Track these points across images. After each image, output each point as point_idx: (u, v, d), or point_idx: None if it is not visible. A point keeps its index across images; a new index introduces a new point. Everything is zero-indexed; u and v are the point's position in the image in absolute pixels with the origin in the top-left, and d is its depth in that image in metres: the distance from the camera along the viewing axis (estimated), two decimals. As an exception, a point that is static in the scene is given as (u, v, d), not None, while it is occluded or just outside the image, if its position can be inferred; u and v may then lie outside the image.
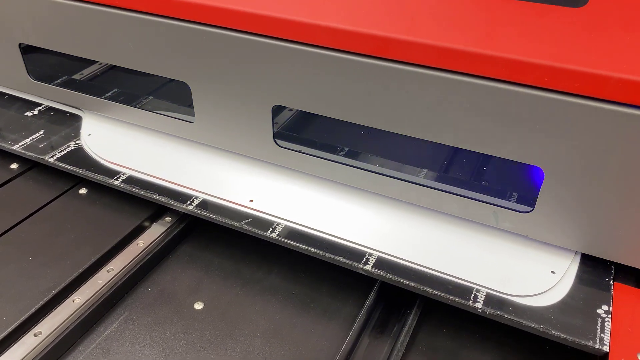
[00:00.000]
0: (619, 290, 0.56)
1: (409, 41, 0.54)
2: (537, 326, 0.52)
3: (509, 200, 0.64)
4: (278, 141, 0.69)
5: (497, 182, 0.72)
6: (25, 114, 0.85)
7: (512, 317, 0.52)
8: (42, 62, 0.92)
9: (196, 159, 0.74)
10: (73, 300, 0.59)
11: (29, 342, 0.54)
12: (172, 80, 0.72)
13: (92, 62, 0.97)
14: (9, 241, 0.67)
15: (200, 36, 0.64)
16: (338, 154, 0.72)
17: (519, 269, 0.58)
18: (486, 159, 0.77)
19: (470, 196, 0.61)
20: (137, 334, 0.57)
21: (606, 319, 0.52)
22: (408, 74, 0.55)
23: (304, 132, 0.82)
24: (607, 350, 0.49)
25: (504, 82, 0.52)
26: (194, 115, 0.72)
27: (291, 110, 0.83)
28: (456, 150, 0.78)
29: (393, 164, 0.70)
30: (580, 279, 0.57)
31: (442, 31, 0.54)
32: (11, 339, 0.54)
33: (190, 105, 0.72)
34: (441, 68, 0.54)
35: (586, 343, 0.50)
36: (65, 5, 0.72)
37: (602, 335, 0.51)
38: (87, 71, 0.97)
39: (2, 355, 0.53)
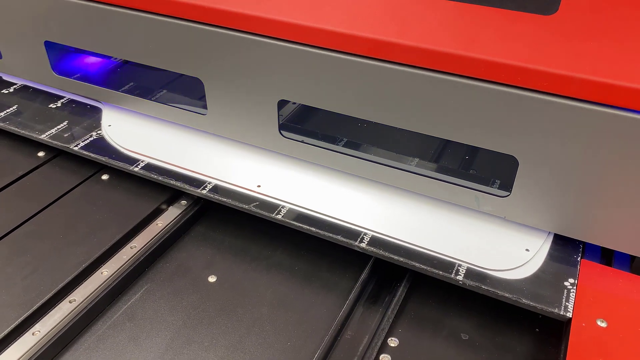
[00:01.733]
0: (585, 265, 0.62)
1: (400, 44, 0.60)
2: (511, 296, 0.58)
3: (492, 186, 0.71)
4: (283, 132, 0.75)
5: (480, 169, 0.79)
6: (50, 106, 0.92)
7: (489, 288, 0.59)
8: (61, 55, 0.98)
9: (208, 148, 0.81)
10: (101, 273, 0.66)
11: (65, 308, 0.61)
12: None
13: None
14: (41, 222, 0.74)
15: (214, 37, 0.70)
16: (337, 144, 0.78)
17: (497, 246, 0.64)
18: (471, 148, 0.84)
19: (455, 182, 0.68)
20: (158, 303, 0.64)
21: (571, 290, 0.59)
22: (399, 73, 0.62)
23: (307, 124, 0.89)
24: (570, 316, 0.56)
25: (482, 81, 0.58)
26: (206, 108, 0.79)
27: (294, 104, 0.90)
28: (443, 141, 0.85)
29: (387, 153, 0.76)
30: (551, 256, 0.63)
31: (428, 35, 0.60)
32: (49, 305, 0.61)
33: (203, 99, 0.79)
34: (428, 68, 0.60)
35: (552, 310, 0.57)
36: (89, 7, 0.78)
37: (566, 303, 0.58)
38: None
39: (42, 319, 0.60)
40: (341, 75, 0.65)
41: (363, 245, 0.64)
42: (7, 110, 0.90)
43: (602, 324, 0.56)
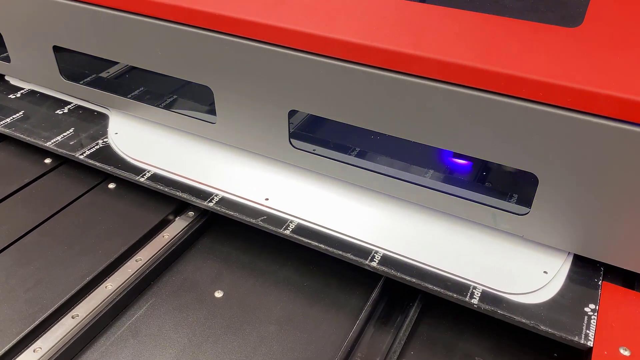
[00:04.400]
0: (607, 289, 0.60)
1: (416, 55, 0.58)
2: (528, 322, 0.56)
3: (509, 202, 0.68)
4: (293, 142, 0.73)
5: (498, 184, 0.76)
6: (56, 112, 0.91)
7: (505, 313, 0.57)
8: (69, 60, 0.96)
9: (216, 159, 0.79)
10: (105, 287, 0.64)
11: (67, 324, 0.60)
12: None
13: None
14: (46, 232, 0.73)
15: (224, 45, 0.68)
16: (349, 154, 0.76)
17: (514, 268, 0.62)
18: (488, 162, 0.81)
19: (471, 198, 0.66)
20: (163, 319, 0.63)
21: (592, 317, 0.56)
22: (414, 85, 0.59)
23: (318, 133, 0.87)
24: (591, 345, 0.54)
25: (502, 95, 0.56)
26: (215, 116, 0.77)
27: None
28: (459, 155, 0.82)
29: (400, 165, 0.74)
30: (570, 278, 0.61)
31: (445, 47, 0.58)
32: (51, 320, 0.60)
33: (212, 107, 0.77)
34: (444, 80, 0.58)
35: (572, 338, 0.54)
36: (97, 12, 0.77)
37: (587, 331, 0.55)
38: (113, 69, 1.03)
39: (44, 335, 0.59)
40: (354, 86, 0.63)
41: (374, 264, 0.62)
42: (14, 116, 0.89)
43: (625, 352, 0.53)
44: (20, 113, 0.90)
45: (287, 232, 0.67)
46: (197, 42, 0.71)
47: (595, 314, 0.57)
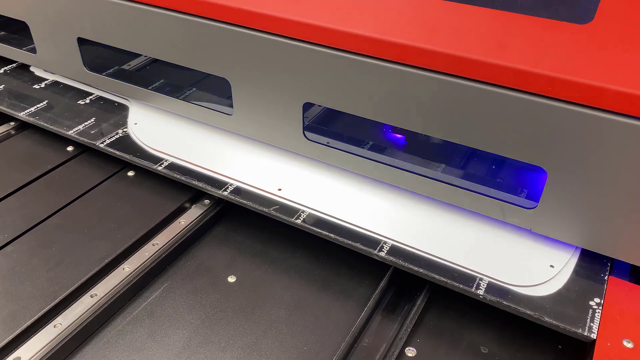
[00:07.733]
0: (613, 283, 0.60)
1: (429, 49, 0.59)
2: (532, 313, 0.57)
3: (519, 196, 0.69)
4: (307, 134, 0.75)
5: (508, 178, 0.77)
6: (78, 102, 0.94)
7: (510, 304, 0.58)
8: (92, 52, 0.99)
9: (232, 149, 0.81)
10: (123, 269, 0.67)
11: (86, 302, 0.62)
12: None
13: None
14: (67, 216, 0.75)
15: (242, 38, 0.70)
16: (362, 147, 0.78)
17: (521, 261, 0.63)
18: (498, 156, 0.82)
19: (481, 191, 0.67)
20: (177, 301, 0.65)
21: (597, 310, 0.57)
22: (426, 79, 0.61)
23: (332, 126, 0.88)
24: (595, 338, 0.54)
25: (511, 90, 0.57)
26: (232, 108, 0.79)
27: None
28: (471, 148, 0.83)
29: (410, 158, 0.75)
30: (577, 273, 0.62)
31: (457, 41, 0.59)
32: (71, 298, 0.63)
33: (229, 99, 0.79)
34: (456, 75, 0.59)
35: (576, 330, 0.55)
36: (120, 5, 0.80)
37: (591, 324, 0.56)
38: (134, 62, 1.06)
39: (64, 312, 0.61)
40: (368, 79, 0.64)
41: (382, 254, 0.64)
42: (38, 105, 0.92)
43: (628, 344, 0.54)
44: (44, 103, 0.93)
45: (299, 221, 0.68)
46: (216, 35, 0.73)
47: (600, 307, 0.57)
